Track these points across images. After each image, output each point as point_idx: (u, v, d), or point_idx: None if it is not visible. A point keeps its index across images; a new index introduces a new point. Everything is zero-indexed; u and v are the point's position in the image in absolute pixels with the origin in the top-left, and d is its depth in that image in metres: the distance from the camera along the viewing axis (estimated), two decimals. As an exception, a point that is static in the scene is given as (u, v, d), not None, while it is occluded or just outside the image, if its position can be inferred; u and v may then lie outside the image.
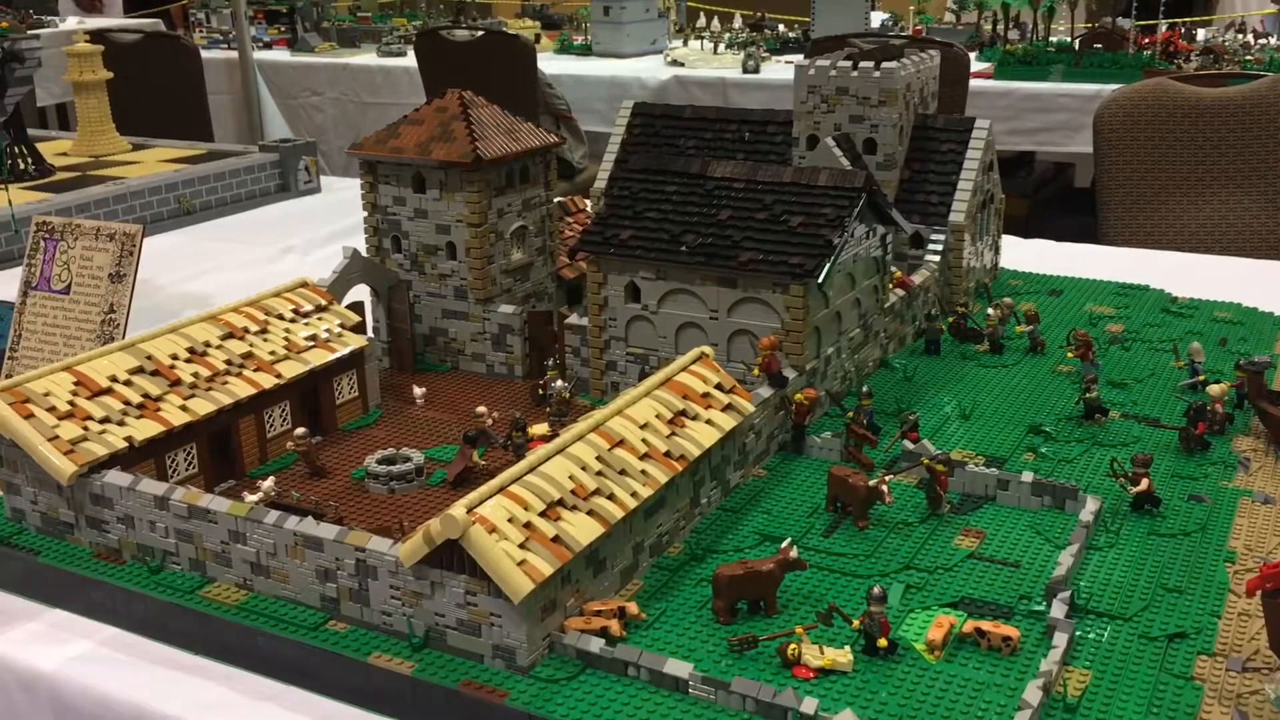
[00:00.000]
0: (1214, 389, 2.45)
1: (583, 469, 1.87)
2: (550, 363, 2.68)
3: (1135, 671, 1.72)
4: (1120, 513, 2.14)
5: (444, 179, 2.75)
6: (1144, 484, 2.13)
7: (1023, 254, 3.70)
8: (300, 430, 2.36)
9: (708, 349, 2.27)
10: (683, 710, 1.64)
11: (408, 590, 1.79)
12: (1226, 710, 1.65)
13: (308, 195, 4.86)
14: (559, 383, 2.52)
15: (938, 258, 3.08)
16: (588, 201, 3.43)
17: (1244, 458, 2.37)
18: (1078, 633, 1.79)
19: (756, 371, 2.35)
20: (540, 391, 2.63)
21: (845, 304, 2.58)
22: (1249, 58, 6.74)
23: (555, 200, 3.01)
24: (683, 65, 7.98)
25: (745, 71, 7.61)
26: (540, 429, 2.44)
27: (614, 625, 1.79)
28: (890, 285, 2.82)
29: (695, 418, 2.11)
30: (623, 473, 1.92)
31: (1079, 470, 2.32)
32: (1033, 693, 1.62)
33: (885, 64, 3.07)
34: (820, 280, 2.34)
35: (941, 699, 1.67)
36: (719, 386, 2.20)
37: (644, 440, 1.99)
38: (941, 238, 3.09)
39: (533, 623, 1.72)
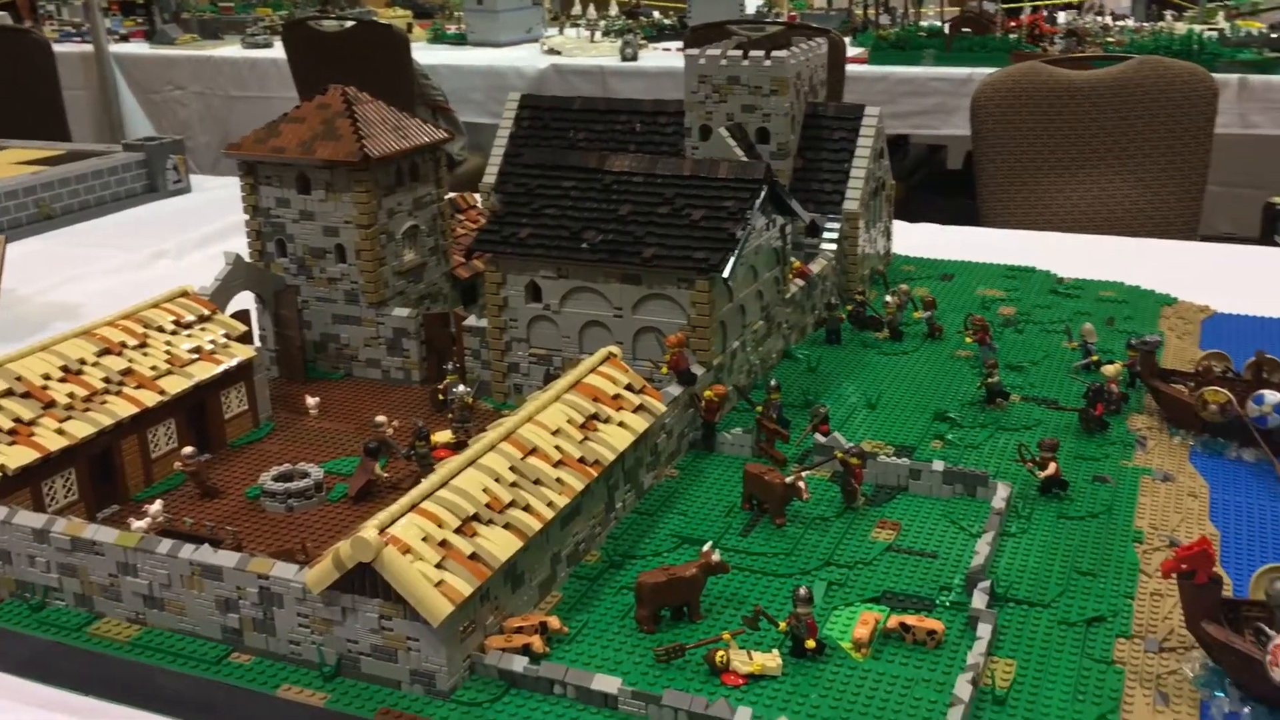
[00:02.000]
0: (1108, 369, 2.50)
1: (496, 480, 1.81)
2: (450, 366, 2.59)
3: (1058, 658, 1.74)
4: (1029, 497, 2.16)
5: (330, 179, 2.64)
6: (1051, 468, 2.15)
7: (911, 239, 3.73)
8: (188, 449, 2.23)
9: (615, 349, 2.22)
10: (613, 727, 1.60)
11: (317, 617, 1.70)
12: (1148, 693, 1.67)
13: (177, 195, 4.65)
14: (461, 387, 2.44)
15: (833, 246, 3.08)
16: (477, 197, 3.34)
17: (1141, 436, 2.42)
18: (1000, 622, 1.80)
19: (665, 369, 2.31)
20: (440, 397, 2.55)
21: (749, 296, 2.55)
22: (1110, 39, 6.95)
23: (445, 197, 2.92)
24: (560, 54, 7.90)
25: (624, 59, 7.56)
26: (444, 436, 2.36)
27: (536, 641, 1.73)
28: (790, 275, 2.81)
29: (607, 420, 2.06)
30: (537, 482, 1.86)
31: (985, 456, 2.34)
32: (963, 687, 1.61)
33: (775, 52, 3.05)
34: (725, 274, 2.31)
35: (873, 698, 1.65)
36: (629, 387, 2.15)
37: (557, 447, 1.93)
38: (837, 226, 3.09)
39: (453, 645, 1.65)
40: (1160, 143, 4.83)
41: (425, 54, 7.93)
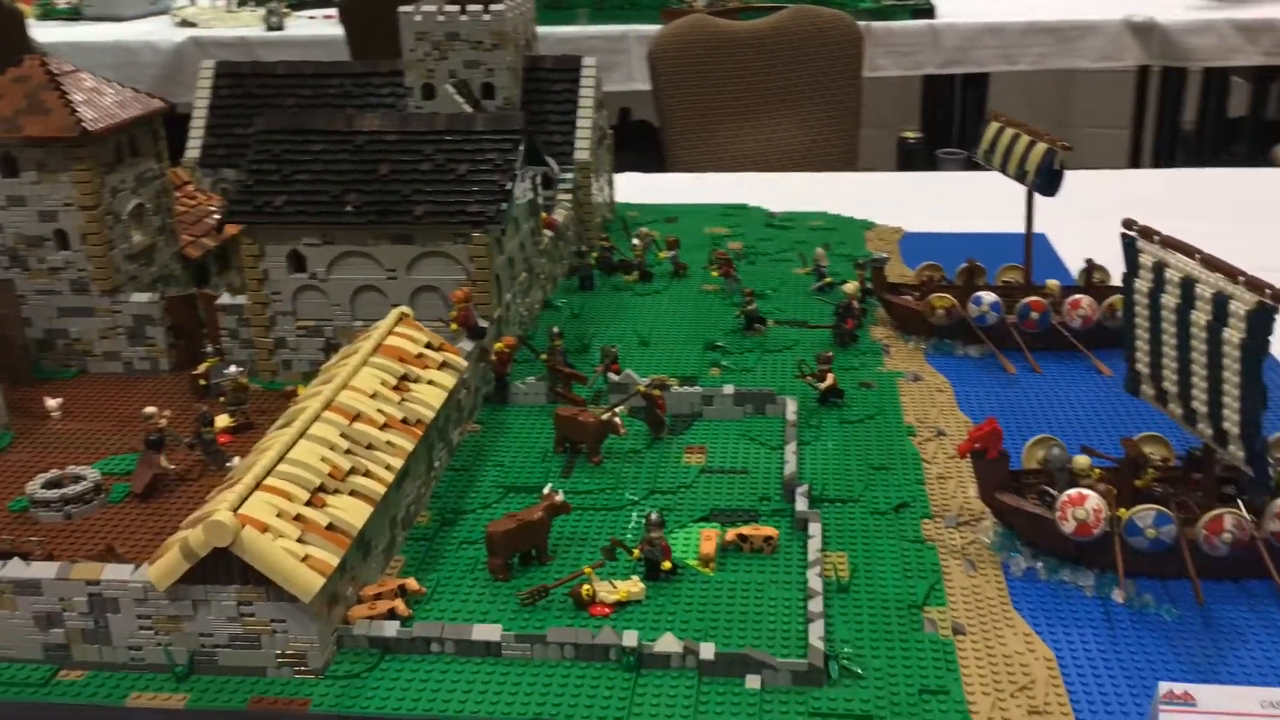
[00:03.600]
0: (848, 286, 2.71)
1: (331, 449, 1.74)
2: (210, 349, 2.43)
3: (880, 544, 1.90)
4: (810, 409, 2.33)
5: (42, 158, 2.39)
6: (829, 379, 2.33)
7: (623, 188, 3.85)
8: (-70, 468, 1.98)
9: (406, 309, 2.17)
10: (500, 674, 1.59)
11: (162, 616, 1.58)
12: (960, 562, 1.87)
13: None
14: (232, 368, 2.30)
15: (569, 196, 3.14)
16: (182, 173, 3.12)
17: (884, 345, 2.66)
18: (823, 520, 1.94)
19: (454, 326, 2.29)
20: (202, 382, 2.39)
21: (514, 249, 2.57)
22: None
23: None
24: (196, 26, 7.41)
25: (270, 29, 7.21)
26: (222, 420, 2.22)
27: (399, 605, 1.69)
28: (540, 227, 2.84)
29: (417, 381, 2.02)
30: (370, 447, 1.81)
31: (759, 378, 2.49)
32: (814, 580, 1.74)
33: (493, 6, 3.06)
34: (503, 225, 2.32)
35: (734, 605, 1.75)
36: (429, 346, 2.12)
37: (379, 410, 1.88)
38: (570, 176, 3.15)
39: (323, 620, 1.58)
40: (818, 85, 5.22)
41: (42, 32, 7.20)
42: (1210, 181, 4.03)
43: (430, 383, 2.04)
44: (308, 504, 1.62)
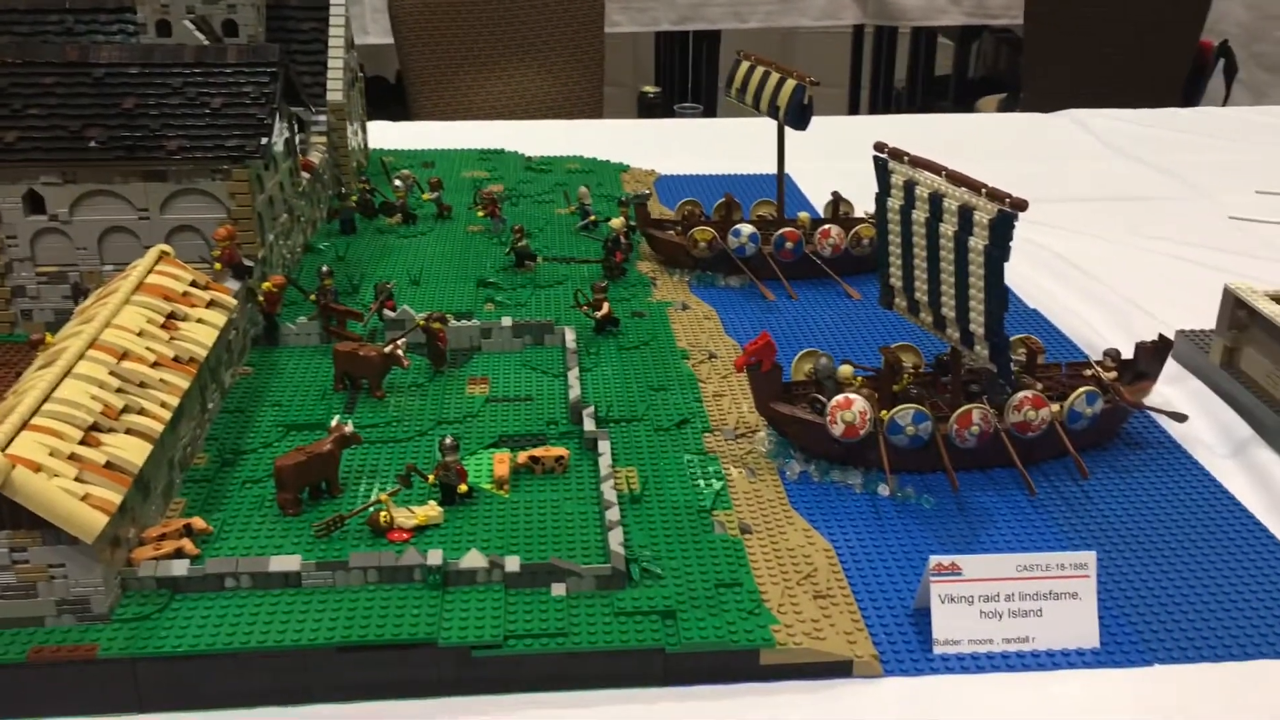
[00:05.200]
0: (615, 222, 2.77)
1: (101, 388, 1.64)
2: (-63, 300, 2.23)
3: (666, 457, 1.97)
4: (588, 338, 2.38)
5: None
6: (605, 308, 2.38)
7: (372, 136, 3.77)
8: None
9: (166, 247, 2.06)
10: (302, 604, 1.56)
11: (-80, 572, 1.46)
12: (741, 469, 1.97)
13: None
14: (-33, 318, 2.12)
15: (324, 139, 3.05)
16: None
17: (651, 278, 2.73)
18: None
19: (217, 266, 2.19)
20: (-70, 336, 2.19)
21: (274, 189, 2.48)
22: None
23: None
24: None
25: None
26: (-41, 374, 2.05)
27: (187, 545, 1.63)
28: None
29: (185, 319, 1.93)
30: (142, 385, 1.72)
31: (532, 311, 2.51)
32: (608, 492, 1.79)
33: (232, -61, 2.91)
34: (262, 160, 2.23)
35: (530, 522, 1.77)
36: (194, 284, 2.02)
37: (148, 349, 1.79)
38: (323, 119, 3.06)
39: (107, 562, 1.50)
40: (562, 38, 5.25)
41: None
42: (927, 125, 4.35)
43: (200, 321, 1.95)
44: (82, 443, 1.53)
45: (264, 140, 2.24)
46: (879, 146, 2.01)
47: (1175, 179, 3.63)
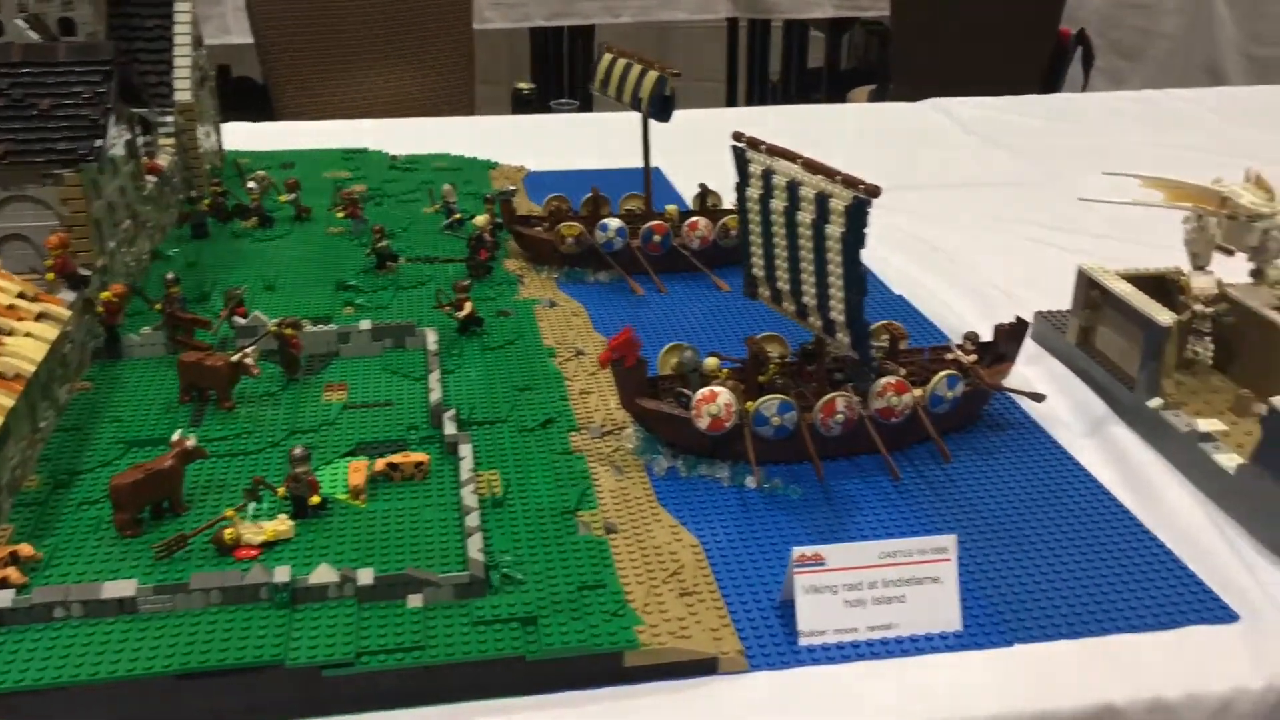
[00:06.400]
0: (479, 220, 2.71)
1: (-88, 410, 1.53)
2: None
3: (530, 458, 1.92)
4: (451, 338, 2.31)
5: None
6: (467, 308, 2.32)
7: (230, 138, 3.64)
8: None
9: (-9, 257, 1.95)
10: (139, 631, 1.47)
11: None
12: (607, 469, 1.93)
13: None
14: None
15: (172, 141, 2.93)
16: None
17: (518, 275, 2.68)
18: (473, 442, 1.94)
19: (50, 276, 2.08)
20: None
21: (113, 193, 2.36)
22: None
23: None
24: None
25: None
26: None
27: (13, 574, 1.53)
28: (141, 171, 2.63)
29: (12, 333, 1.82)
30: (-40, 405, 1.61)
31: (394, 314, 2.44)
32: (468, 497, 1.73)
33: (67, -67, 2.77)
34: (98, 165, 2.12)
35: (388, 531, 1.71)
36: (22, 295, 1.91)
37: (-32, 365, 1.68)
38: (171, 120, 2.93)
39: (-80, 597, 1.40)
40: (429, 35, 5.16)
41: None
42: (797, 116, 4.38)
43: (28, 335, 1.84)
44: (-112, 470, 1.42)
45: (97, 143, 2.13)
46: (736, 136, 1.99)
47: (1034, 163, 3.71)
